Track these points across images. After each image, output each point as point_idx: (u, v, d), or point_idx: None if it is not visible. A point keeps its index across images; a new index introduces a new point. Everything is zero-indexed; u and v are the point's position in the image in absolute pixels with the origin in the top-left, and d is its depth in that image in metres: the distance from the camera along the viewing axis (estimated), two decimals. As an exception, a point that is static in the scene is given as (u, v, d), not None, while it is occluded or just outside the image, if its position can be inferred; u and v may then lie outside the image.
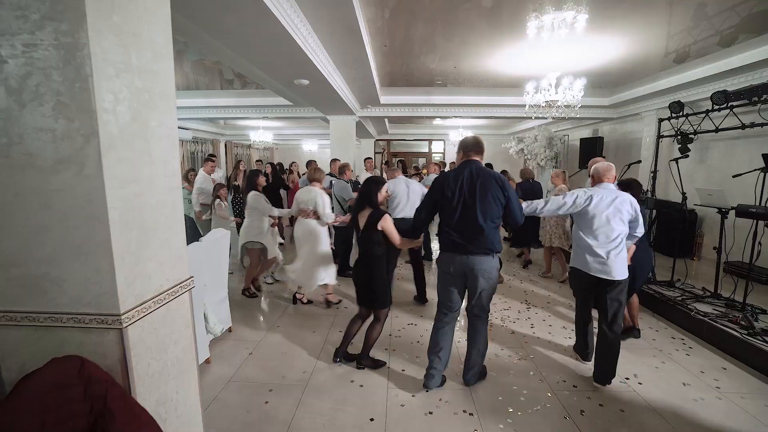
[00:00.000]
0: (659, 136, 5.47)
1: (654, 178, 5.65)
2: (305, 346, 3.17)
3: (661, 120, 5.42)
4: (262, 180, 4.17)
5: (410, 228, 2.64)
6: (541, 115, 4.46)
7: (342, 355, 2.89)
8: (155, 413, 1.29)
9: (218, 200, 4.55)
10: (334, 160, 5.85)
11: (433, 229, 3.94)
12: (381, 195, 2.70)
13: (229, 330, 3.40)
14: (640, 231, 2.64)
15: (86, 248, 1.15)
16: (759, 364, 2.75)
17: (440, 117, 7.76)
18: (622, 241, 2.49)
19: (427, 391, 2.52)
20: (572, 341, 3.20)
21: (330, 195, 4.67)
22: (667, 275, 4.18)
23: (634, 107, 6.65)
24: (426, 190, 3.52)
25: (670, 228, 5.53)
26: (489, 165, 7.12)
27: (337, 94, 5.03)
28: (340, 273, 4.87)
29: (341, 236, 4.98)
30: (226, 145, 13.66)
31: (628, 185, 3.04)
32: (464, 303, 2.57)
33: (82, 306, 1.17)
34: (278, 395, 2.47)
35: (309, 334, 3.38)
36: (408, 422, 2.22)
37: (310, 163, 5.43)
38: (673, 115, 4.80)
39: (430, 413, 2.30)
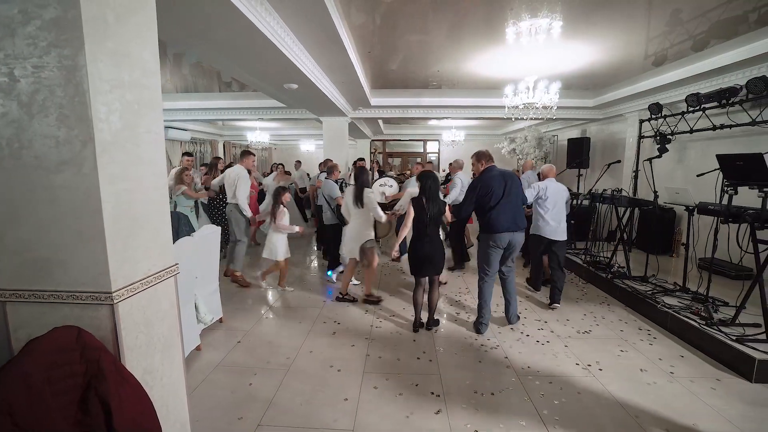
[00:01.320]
0: (641, 137, 5.68)
1: (636, 178, 5.86)
2: (291, 334, 3.38)
3: (642, 121, 5.63)
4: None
5: (459, 219, 3.81)
6: (520, 116, 4.65)
7: (419, 325, 3.48)
8: (142, 380, 1.50)
9: (281, 206, 4.21)
10: (325, 161, 6.08)
11: None
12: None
13: (220, 320, 3.61)
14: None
15: (85, 236, 1.36)
16: (713, 351, 2.94)
17: (430, 118, 7.97)
18: (564, 215, 3.98)
19: (481, 334, 3.37)
20: (541, 331, 3.41)
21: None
22: (642, 271, 4.37)
23: (617, 108, 6.84)
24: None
25: (649, 226, 5.72)
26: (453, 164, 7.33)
27: (327, 98, 5.24)
28: (332, 268, 5.08)
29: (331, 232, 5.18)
30: (224, 145, 13.90)
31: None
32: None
33: (80, 285, 1.38)
34: (262, 378, 2.68)
35: (295, 324, 3.59)
36: (378, 402, 2.42)
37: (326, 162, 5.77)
38: (653, 116, 5.00)
39: (401, 394, 2.50)
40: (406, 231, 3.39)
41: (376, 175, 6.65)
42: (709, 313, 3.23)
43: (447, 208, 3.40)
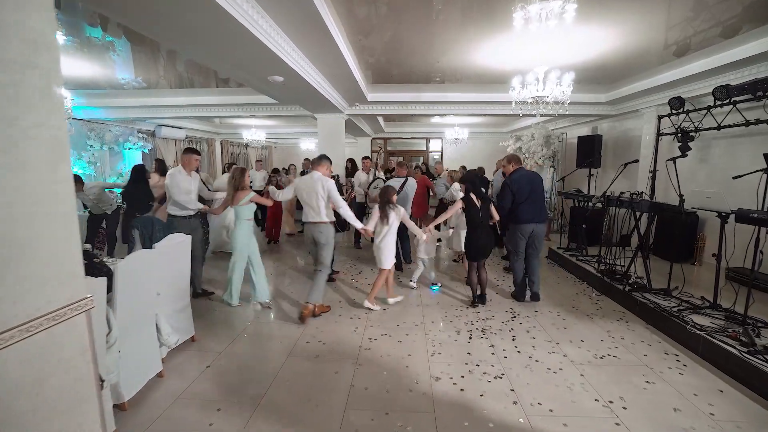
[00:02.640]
0: (659, 134, 5.20)
1: (653, 179, 5.39)
2: (268, 357, 2.99)
3: (660, 117, 5.14)
4: None
5: (505, 215, 4.03)
6: (528, 112, 4.21)
7: (479, 299, 4.02)
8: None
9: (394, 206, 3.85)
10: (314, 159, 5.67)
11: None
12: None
13: (192, 339, 3.23)
14: None
15: None
16: (760, 386, 2.50)
17: (431, 115, 7.53)
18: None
19: (519, 301, 4.17)
20: (553, 355, 2.99)
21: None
22: (664, 282, 3.92)
23: (632, 104, 6.36)
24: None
25: (669, 232, 5.26)
26: (481, 168, 6.90)
27: (319, 93, 4.83)
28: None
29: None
30: (222, 144, 13.56)
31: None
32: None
33: None
34: (226, 415, 2.29)
35: (274, 345, 3.20)
36: (360, 450, 2.02)
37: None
38: (673, 111, 4.53)
39: (387, 439, 2.10)
40: (441, 221, 4.18)
41: (380, 174, 6.21)
42: (750, 337, 2.79)
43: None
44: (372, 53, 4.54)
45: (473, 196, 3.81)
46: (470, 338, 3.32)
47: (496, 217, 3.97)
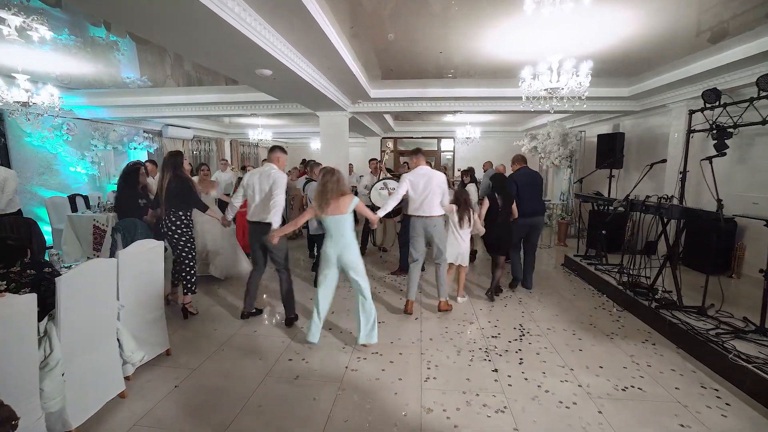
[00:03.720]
0: (690, 131, 4.67)
1: (683, 181, 4.86)
2: (243, 377, 2.69)
3: (692, 112, 4.63)
4: None
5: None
6: (541, 108, 3.80)
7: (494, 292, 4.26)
8: None
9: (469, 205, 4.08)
10: (306, 161, 5.39)
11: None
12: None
13: (167, 353, 2.98)
14: None
15: None
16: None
17: (438, 112, 7.15)
18: None
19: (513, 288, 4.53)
20: (566, 384, 2.58)
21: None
22: (697, 298, 3.45)
23: (659, 98, 5.81)
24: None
25: (701, 240, 4.72)
26: (471, 169, 6.54)
27: (315, 88, 4.54)
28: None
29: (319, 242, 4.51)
30: (231, 143, 13.50)
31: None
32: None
33: None
34: (180, 452, 2.00)
35: (253, 362, 2.90)
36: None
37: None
38: (708, 105, 4.01)
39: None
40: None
41: (384, 175, 5.85)
42: (807, 371, 2.32)
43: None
44: (367, 43, 4.18)
45: (497, 196, 4.10)
46: (471, 360, 2.94)
47: (516, 214, 4.16)
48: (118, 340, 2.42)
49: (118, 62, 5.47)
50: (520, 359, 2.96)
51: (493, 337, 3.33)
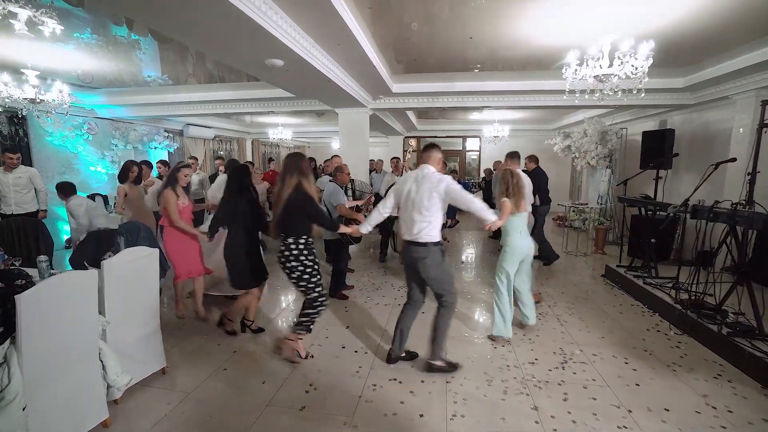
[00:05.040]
0: (762, 125, 4.03)
1: (751, 183, 4.21)
2: (242, 404, 2.37)
3: (765, 103, 3.99)
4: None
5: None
6: (587, 103, 3.29)
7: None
8: None
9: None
10: (333, 158, 5.06)
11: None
12: None
13: (163, 371, 2.71)
14: None
15: None
16: None
17: (466, 108, 6.66)
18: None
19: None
20: (628, 435, 2.11)
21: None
22: (777, 324, 2.87)
23: (720, 89, 5.12)
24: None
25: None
26: (452, 171, 6.12)
27: (331, 81, 4.20)
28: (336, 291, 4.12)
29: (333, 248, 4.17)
30: (253, 143, 13.45)
31: None
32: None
33: None
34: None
35: (255, 385, 2.58)
36: None
37: None
38: (788, 94, 3.41)
39: None
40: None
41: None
42: None
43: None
44: (388, 29, 3.75)
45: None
46: (505, 393, 2.51)
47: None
48: (101, 361, 2.15)
49: (139, 61, 5.41)
50: (564, 394, 2.49)
51: (530, 363, 2.88)
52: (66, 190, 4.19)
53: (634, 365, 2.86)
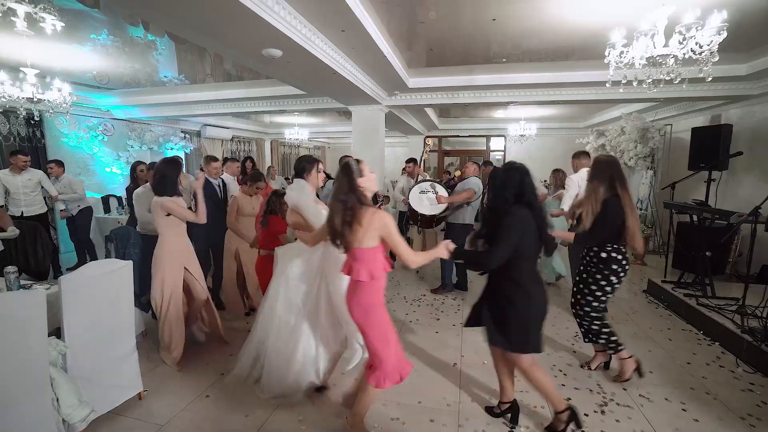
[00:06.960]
0: None
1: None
2: (217, 446, 2.04)
3: None
4: None
5: None
6: (631, 95, 2.75)
7: None
8: None
9: None
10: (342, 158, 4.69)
11: None
12: None
13: (140, 396, 2.42)
14: None
15: None
16: None
17: (488, 103, 6.11)
18: None
19: None
20: None
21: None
22: None
23: (793, 76, 4.38)
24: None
25: None
26: (496, 168, 5.55)
27: (337, 73, 3.84)
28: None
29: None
30: (272, 144, 13.36)
31: None
32: None
33: None
34: None
35: (239, 419, 2.25)
36: None
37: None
38: None
39: None
40: None
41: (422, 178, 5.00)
42: None
43: None
44: (402, 10, 3.28)
45: None
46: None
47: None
48: (54, 393, 1.87)
49: (156, 61, 5.32)
50: (607, 449, 2.01)
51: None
52: None
53: (694, 413, 2.32)
